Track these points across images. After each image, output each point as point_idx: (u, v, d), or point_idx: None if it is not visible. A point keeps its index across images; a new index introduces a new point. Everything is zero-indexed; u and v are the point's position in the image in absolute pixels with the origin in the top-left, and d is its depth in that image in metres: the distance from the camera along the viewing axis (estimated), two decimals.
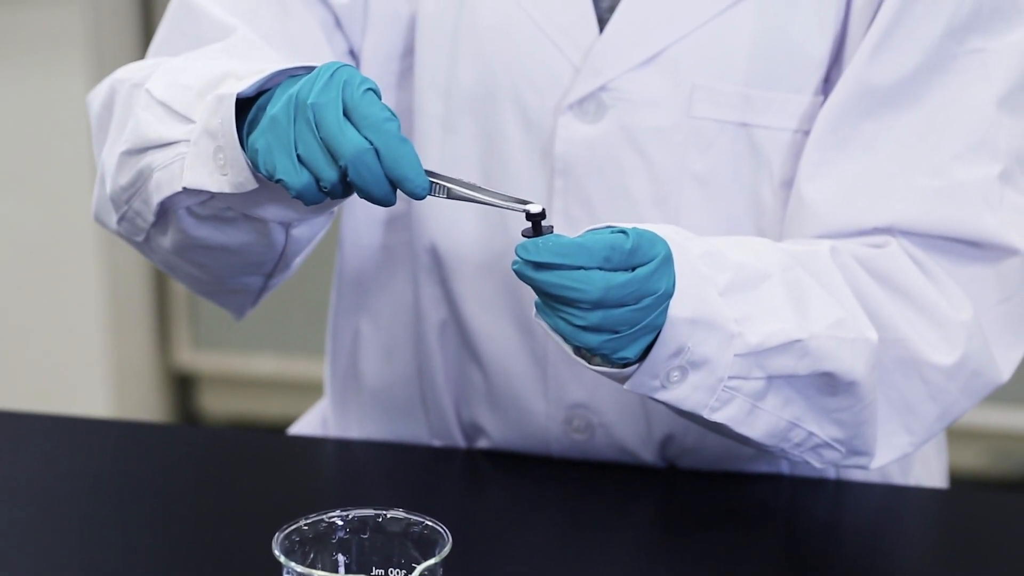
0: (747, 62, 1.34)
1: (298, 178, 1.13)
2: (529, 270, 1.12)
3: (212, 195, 1.22)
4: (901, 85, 1.32)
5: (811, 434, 1.28)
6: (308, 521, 1.09)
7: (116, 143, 1.29)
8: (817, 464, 1.31)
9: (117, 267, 3.10)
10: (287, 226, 1.28)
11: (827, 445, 1.30)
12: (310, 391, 3.23)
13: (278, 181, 1.13)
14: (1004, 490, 2.96)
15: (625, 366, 1.18)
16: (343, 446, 1.54)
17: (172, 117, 1.24)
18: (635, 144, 1.36)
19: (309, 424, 1.63)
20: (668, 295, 1.15)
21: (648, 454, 1.44)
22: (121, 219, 1.33)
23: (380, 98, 1.13)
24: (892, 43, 1.32)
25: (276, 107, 1.13)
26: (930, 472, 1.55)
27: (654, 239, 1.14)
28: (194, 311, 3.23)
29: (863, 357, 1.26)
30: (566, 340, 1.15)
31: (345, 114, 1.11)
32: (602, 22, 1.36)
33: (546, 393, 1.43)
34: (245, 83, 1.17)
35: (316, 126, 1.11)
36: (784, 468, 1.45)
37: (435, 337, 1.46)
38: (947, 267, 1.33)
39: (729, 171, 1.36)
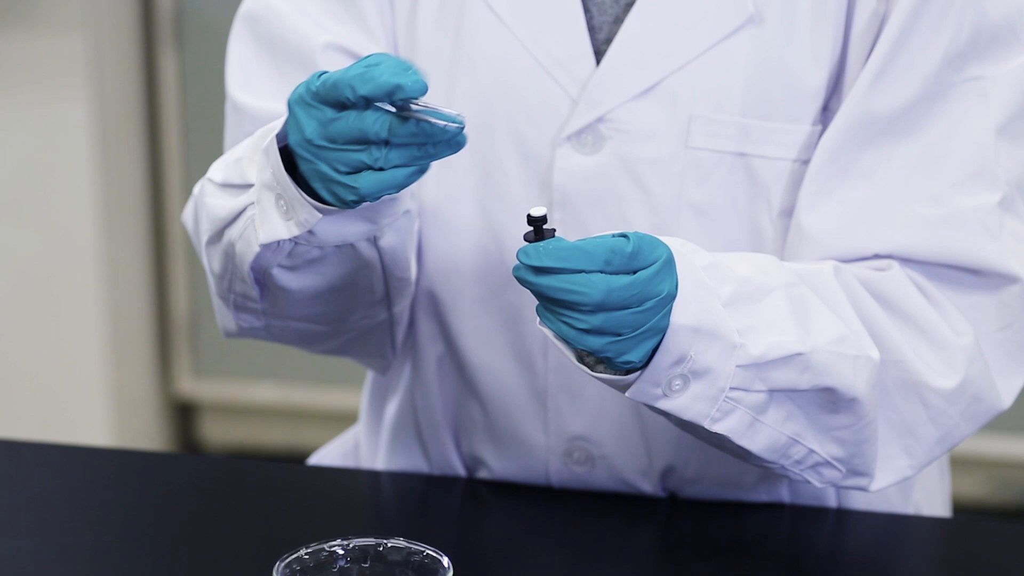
0: (744, 93, 1.34)
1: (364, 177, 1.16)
2: (530, 275, 1.12)
3: (295, 244, 1.26)
4: (900, 114, 1.32)
5: (811, 451, 1.28)
6: (309, 550, 1.09)
7: (202, 240, 1.34)
8: (817, 484, 1.31)
9: (118, 296, 3.10)
10: (374, 241, 1.30)
11: (827, 464, 1.30)
12: (311, 419, 3.23)
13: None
14: (1005, 519, 2.96)
15: (628, 372, 1.18)
16: (344, 475, 1.54)
17: (234, 191, 1.28)
18: (633, 175, 1.36)
19: (340, 448, 1.65)
20: (671, 297, 1.16)
21: (649, 485, 1.44)
22: (236, 311, 1.37)
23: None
24: (891, 72, 1.32)
25: (295, 141, 1.18)
26: (932, 499, 1.54)
27: (655, 243, 1.15)
28: (195, 340, 3.23)
29: (865, 374, 1.26)
30: (569, 344, 1.16)
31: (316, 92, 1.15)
32: (599, 54, 1.37)
33: (546, 426, 1.43)
34: (279, 125, 1.21)
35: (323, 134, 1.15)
36: (785, 497, 1.45)
37: (433, 372, 1.46)
38: (948, 294, 1.33)
39: (727, 201, 1.36)
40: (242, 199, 1.28)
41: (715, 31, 1.34)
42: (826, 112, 1.36)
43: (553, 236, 1.13)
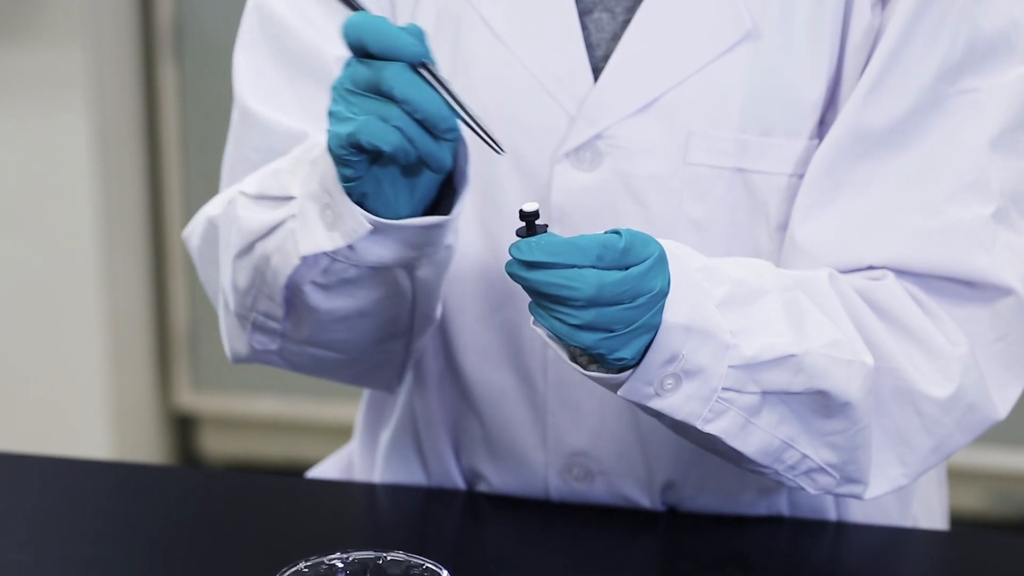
0: (742, 108, 1.35)
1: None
2: (522, 270, 1.13)
3: (332, 260, 1.25)
4: (895, 127, 1.33)
5: (805, 456, 1.28)
6: (308, 563, 1.09)
7: (228, 254, 1.32)
8: (811, 490, 1.31)
9: (118, 308, 3.10)
10: (411, 270, 1.29)
11: (821, 470, 1.30)
12: (311, 433, 3.23)
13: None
14: (1004, 531, 2.96)
15: (621, 371, 1.19)
16: (343, 488, 1.54)
17: (272, 203, 1.27)
18: (632, 191, 1.36)
19: (336, 464, 1.64)
20: (663, 294, 1.16)
21: (648, 501, 1.43)
22: (253, 331, 1.35)
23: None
24: (886, 85, 1.32)
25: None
26: (930, 510, 1.54)
27: (647, 240, 1.15)
28: (195, 352, 3.24)
29: (858, 379, 1.26)
30: (561, 340, 1.16)
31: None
32: (596, 71, 1.37)
33: (545, 441, 1.43)
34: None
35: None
36: (784, 510, 1.45)
37: (434, 386, 1.46)
38: (943, 306, 1.33)
39: (726, 216, 1.36)
40: (281, 211, 1.27)
41: (713, 47, 1.34)
42: (822, 126, 1.36)
43: (545, 232, 1.14)
